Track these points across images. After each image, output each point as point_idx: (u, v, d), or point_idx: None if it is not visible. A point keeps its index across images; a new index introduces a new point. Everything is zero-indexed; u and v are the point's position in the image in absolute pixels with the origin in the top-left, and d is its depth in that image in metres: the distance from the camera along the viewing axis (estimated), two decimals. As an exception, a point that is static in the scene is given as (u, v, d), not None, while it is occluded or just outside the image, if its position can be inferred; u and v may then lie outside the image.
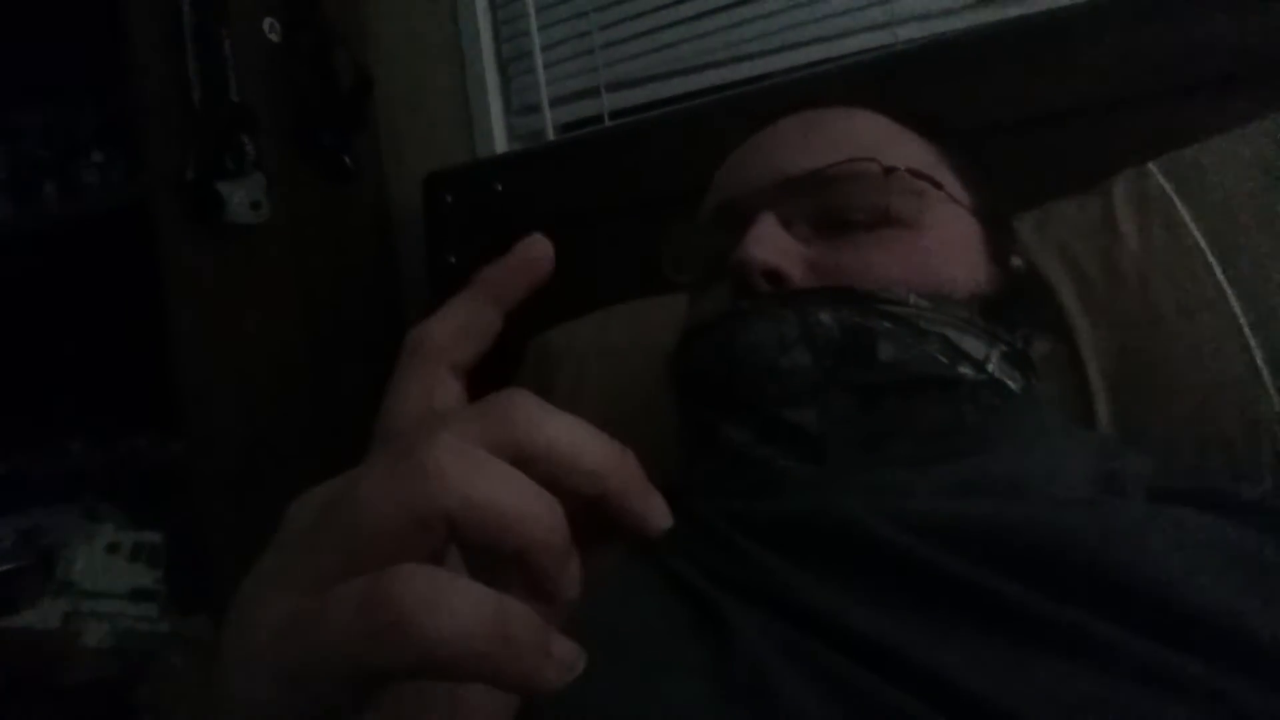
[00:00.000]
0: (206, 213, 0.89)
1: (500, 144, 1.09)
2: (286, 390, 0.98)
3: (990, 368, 0.41)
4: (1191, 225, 0.53)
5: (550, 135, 1.09)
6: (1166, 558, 0.30)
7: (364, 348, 1.07)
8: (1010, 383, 0.42)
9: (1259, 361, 0.49)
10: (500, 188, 0.93)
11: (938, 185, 0.45)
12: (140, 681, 0.69)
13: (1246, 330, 0.49)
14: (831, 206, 0.44)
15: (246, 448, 0.93)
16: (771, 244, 0.42)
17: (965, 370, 0.40)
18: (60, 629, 0.70)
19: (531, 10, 1.08)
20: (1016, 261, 0.48)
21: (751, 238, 0.42)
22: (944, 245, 0.44)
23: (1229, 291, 0.50)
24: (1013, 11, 0.83)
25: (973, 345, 0.41)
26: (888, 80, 0.76)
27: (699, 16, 1.00)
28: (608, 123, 1.04)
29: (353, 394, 1.04)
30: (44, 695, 0.67)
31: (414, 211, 1.01)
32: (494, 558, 0.17)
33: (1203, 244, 0.52)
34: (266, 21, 0.98)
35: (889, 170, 0.43)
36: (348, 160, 1.02)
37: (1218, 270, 0.51)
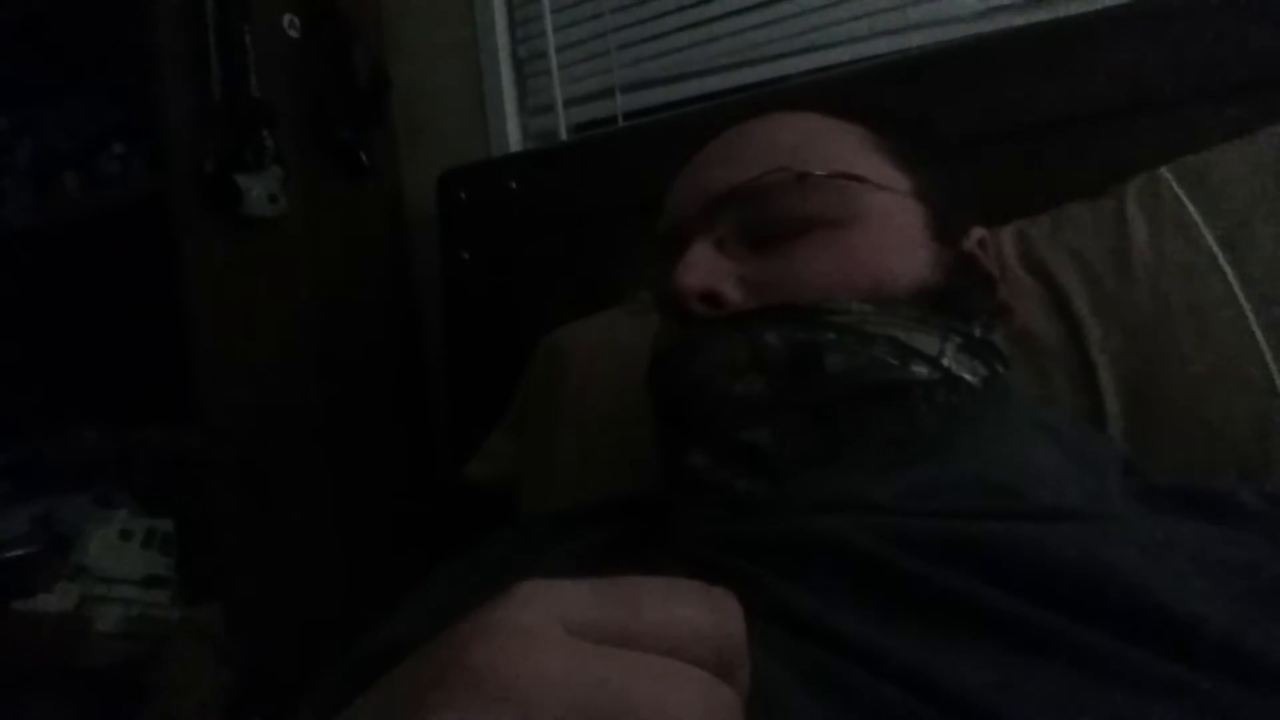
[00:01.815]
0: (224, 205, 0.90)
1: (515, 143, 1.10)
2: (298, 383, 0.99)
3: (946, 362, 0.41)
4: (1204, 229, 0.53)
5: (564, 135, 1.09)
6: (1146, 564, 0.30)
7: (376, 342, 1.08)
8: (969, 376, 0.42)
9: (1270, 364, 0.49)
10: (514, 186, 0.94)
11: (860, 180, 0.44)
12: (152, 666, 0.70)
13: (1258, 333, 0.49)
14: (756, 221, 0.44)
15: (258, 439, 0.94)
16: (701, 268, 0.43)
17: (919, 369, 0.40)
18: (75, 613, 0.71)
19: (548, 11, 1.09)
20: (967, 242, 0.47)
21: (682, 265, 0.43)
22: (879, 238, 0.43)
23: (1240, 294, 0.50)
24: (1026, 19, 0.83)
25: (924, 341, 0.40)
26: (902, 85, 0.76)
27: (714, 20, 1.00)
28: (621, 124, 1.05)
29: (364, 388, 1.05)
30: (59, 677, 0.68)
31: (428, 208, 1.02)
32: None
33: (1215, 248, 0.52)
34: (286, 18, 1.00)
35: (801, 176, 0.43)
36: (364, 156, 1.03)
37: (1230, 274, 0.51)
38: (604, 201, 0.89)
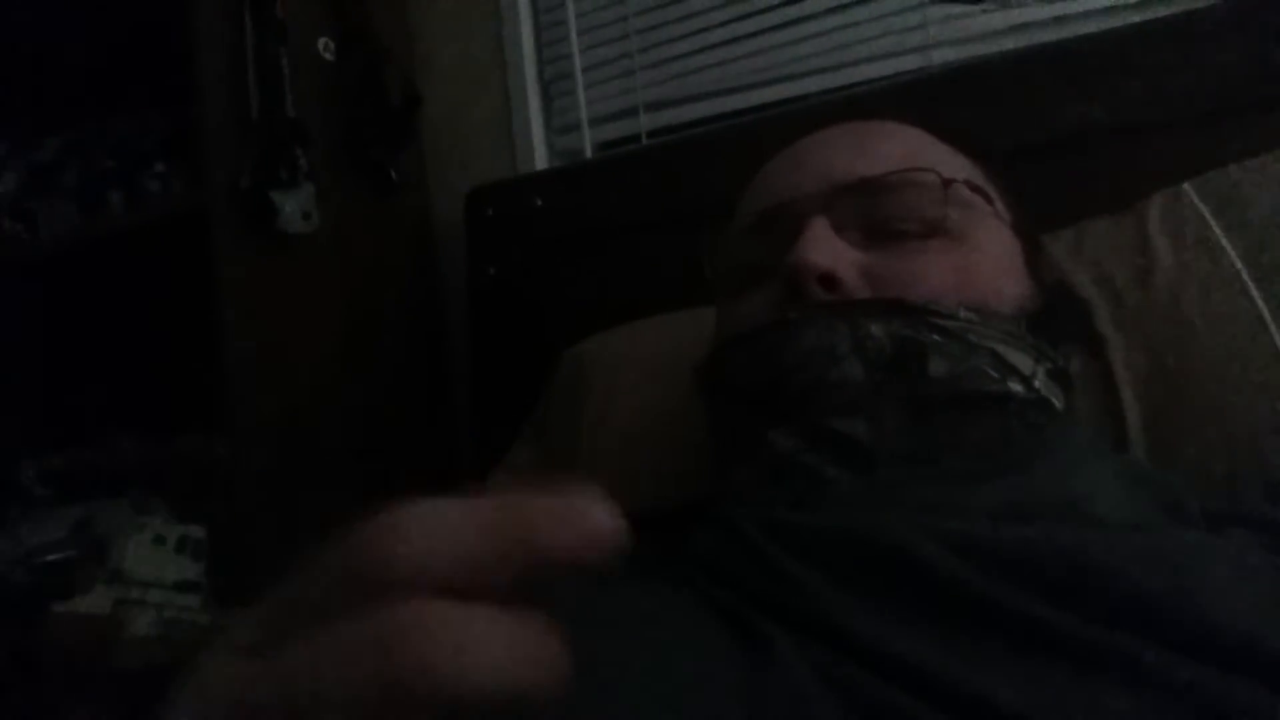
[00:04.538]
0: (260, 221, 0.93)
1: (540, 161, 1.12)
2: (327, 395, 1.01)
3: (1037, 384, 0.41)
4: (1226, 244, 0.53)
5: (588, 153, 1.11)
6: (1216, 585, 0.30)
7: (403, 355, 1.10)
8: (1055, 400, 0.42)
9: (1294, 379, 0.48)
10: (540, 203, 0.96)
11: (989, 200, 0.45)
12: (183, 669, 0.72)
13: (1281, 348, 0.49)
14: (886, 214, 0.44)
15: (287, 449, 0.96)
16: (827, 248, 0.42)
17: (1015, 386, 0.40)
18: (111, 615, 0.73)
19: (573, 33, 1.12)
20: (1051, 278, 0.49)
21: (807, 242, 0.42)
22: (993, 259, 0.44)
23: (1264, 308, 0.50)
24: (1048, 37, 0.84)
25: (1020, 360, 0.41)
26: (924, 102, 0.77)
27: (737, 40, 1.02)
28: (645, 142, 1.07)
29: (390, 398, 1.07)
30: (94, 676, 0.70)
31: (456, 224, 1.04)
32: None
33: (1238, 263, 0.52)
34: (321, 41, 1.03)
35: (948, 182, 0.43)
36: (394, 174, 1.06)
37: (1253, 288, 0.51)
38: (627, 218, 0.90)
